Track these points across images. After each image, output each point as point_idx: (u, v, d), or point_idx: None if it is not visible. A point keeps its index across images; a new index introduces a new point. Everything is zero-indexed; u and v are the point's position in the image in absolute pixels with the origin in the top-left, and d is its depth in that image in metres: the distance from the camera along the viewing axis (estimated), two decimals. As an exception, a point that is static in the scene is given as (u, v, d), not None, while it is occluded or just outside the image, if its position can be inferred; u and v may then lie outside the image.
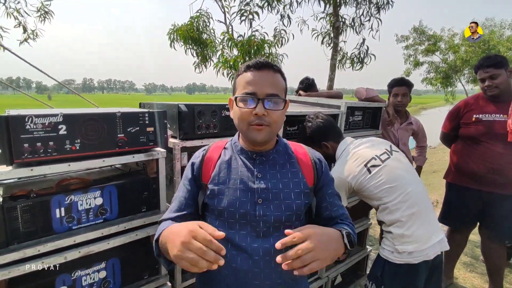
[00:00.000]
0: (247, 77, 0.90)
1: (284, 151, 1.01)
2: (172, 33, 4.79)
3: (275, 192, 0.92)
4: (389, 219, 1.49)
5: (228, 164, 0.97)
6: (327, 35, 4.29)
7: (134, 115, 1.18)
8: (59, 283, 1.11)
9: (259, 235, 0.90)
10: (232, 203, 0.91)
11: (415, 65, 14.93)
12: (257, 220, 0.90)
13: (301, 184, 0.96)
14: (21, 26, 3.96)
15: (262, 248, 0.89)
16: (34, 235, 1.04)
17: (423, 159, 2.79)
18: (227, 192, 0.93)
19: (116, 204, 1.22)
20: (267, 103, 0.88)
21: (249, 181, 0.93)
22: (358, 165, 1.53)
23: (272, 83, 0.90)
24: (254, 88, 0.88)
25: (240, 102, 0.90)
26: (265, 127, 0.89)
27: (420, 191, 1.51)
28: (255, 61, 0.91)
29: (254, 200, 0.91)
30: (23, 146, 0.95)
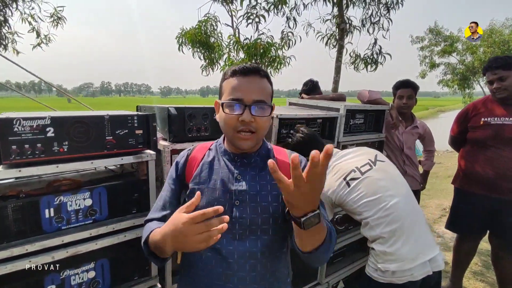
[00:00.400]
0: (234, 83, 0.90)
1: (266, 155, 1.00)
2: (181, 37, 4.87)
3: (252, 194, 0.92)
4: (371, 235, 1.40)
5: (210, 164, 0.98)
6: (333, 37, 4.24)
7: (123, 118, 1.20)
8: (48, 282, 1.13)
9: (235, 237, 0.90)
10: (210, 203, 0.91)
11: (431, 66, 14.56)
12: (233, 222, 0.89)
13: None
14: (35, 31, 4.12)
15: (237, 251, 0.88)
16: (24, 234, 1.07)
17: (430, 163, 2.70)
18: (207, 192, 0.93)
19: (105, 205, 1.24)
20: (254, 109, 0.88)
21: (229, 182, 0.93)
22: (337, 179, 1.46)
23: (258, 89, 0.90)
24: (240, 94, 0.88)
25: (226, 108, 0.89)
26: (251, 135, 0.89)
27: (407, 204, 1.40)
28: (242, 66, 0.90)
29: (231, 201, 0.91)
30: (11, 148, 0.98)
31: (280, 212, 0.93)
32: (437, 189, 5.50)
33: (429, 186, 5.90)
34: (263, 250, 0.90)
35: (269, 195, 0.93)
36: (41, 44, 4.27)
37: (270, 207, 0.92)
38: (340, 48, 4.00)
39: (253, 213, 0.90)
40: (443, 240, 3.51)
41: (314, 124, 1.96)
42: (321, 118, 1.98)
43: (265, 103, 0.90)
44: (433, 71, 14.63)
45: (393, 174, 1.51)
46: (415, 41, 14.66)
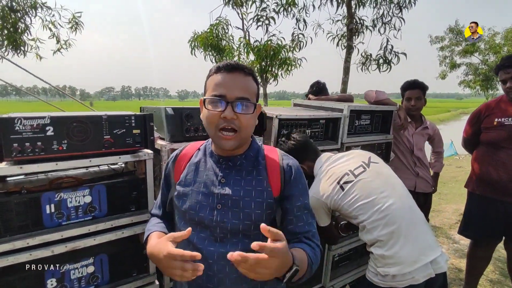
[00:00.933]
0: (217, 79, 0.88)
1: (254, 157, 0.98)
2: (193, 41, 4.96)
3: (235, 199, 0.90)
4: (369, 239, 1.37)
5: (196, 166, 0.98)
6: (343, 37, 4.19)
7: (120, 118, 1.23)
8: (48, 275, 1.18)
9: (216, 239, 0.90)
10: (193, 206, 0.92)
11: (451, 67, 14.12)
12: (214, 225, 0.89)
13: (265, 193, 0.92)
14: (55, 37, 4.32)
15: (217, 252, 0.88)
16: (25, 228, 1.12)
17: (440, 165, 2.61)
18: (191, 195, 0.94)
19: (105, 202, 1.27)
20: (237, 106, 0.86)
21: (212, 185, 0.92)
22: (331, 183, 1.43)
23: (242, 86, 0.88)
24: (223, 90, 0.86)
25: (209, 105, 0.88)
26: (234, 135, 0.88)
27: (403, 205, 1.36)
28: (226, 63, 0.89)
29: (213, 205, 0.91)
30: (12, 146, 1.03)
31: (264, 220, 0.90)
32: (455, 193, 5.30)
33: (447, 190, 5.69)
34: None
35: (252, 202, 0.90)
36: (60, 49, 4.48)
37: (253, 214, 0.90)
38: (349, 48, 3.95)
39: (235, 219, 0.89)
40: (458, 246, 3.38)
41: (317, 125, 1.94)
42: (324, 119, 1.96)
43: (249, 100, 0.88)
44: (453, 71, 14.18)
45: (388, 175, 1.47)
46: (434, 41, 14.25)
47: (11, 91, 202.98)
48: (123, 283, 1.34)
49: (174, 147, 1.39)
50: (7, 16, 3.61)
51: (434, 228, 3.88)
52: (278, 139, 1.74)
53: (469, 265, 2.37)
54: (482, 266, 2.34)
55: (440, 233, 3.73)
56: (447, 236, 3.65)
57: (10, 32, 3.69)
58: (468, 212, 2.30)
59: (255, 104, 0.90)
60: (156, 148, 1.40)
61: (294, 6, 4.06)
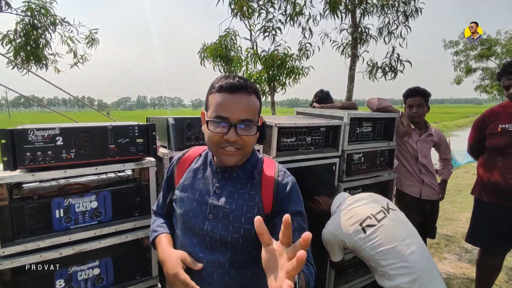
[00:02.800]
0: (220, 100, 0.86)
1: (251, 170, 0.97)
2: (202, 52, 5.12)
3: (226, 211, 0.91)
4: (390, 285, 1.38)
5: (194, 173, 1.01)
6: (348, 46, 4.23)
7: (124, 128, 1.32)
8: (57, 276, 1.26)
9: (206, 247, 0.92)
10: (187, 212, 0.95)
11: (467, 71, 13.79)
12: (204, 234, 0.92)
13: (256, 208, 0.92)
14: (72, 52, 4.57)
15: (206, 259, 0.91)
16: (37, 231, 1.21)
17: (447, 172, 2.58)
18: (186, 201, 0.97)
19: (110, 207, 1.35)
20: (239, 128, 0.86)
21: (206, 194, 0.95)
22: (353, 224, 1.46)
23: (245, 107, 0.87)
24: (226, 112, 0.85)
25: (211, 125, 0.87)
26: (236, 151, 0.88)
27: (423, 253, 1.39)
28: (229, 83, 0.86)
29: (206, 214, 0.93)
30: (25, 155, 1.13)
31: (253, 235, 0.89)
32: (470, 201, 5.14)
33: (462, 198, 5.54)
34: (232, 262, 0.91)
35: (242, 216, 0.91)
36: (77, 64, 4.72)
37: (242, 228, 0.90)
38: (354, 57, 3.98)
39: (224, 230, 0.90)
40: (471, 256, 3.28)
41: (317, 133, 1.98)
42: (325, 127, 1.99)
43: (251, 121, 0.87)
44: (469, 76, 13.83)
45: (407, 222, 1.50)
46: (448, 46, 14.01)
47: (33, 102, 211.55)
48: (127, 285, 1.41)
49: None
50: (30, 33, 3.87)
51: (447, 237, 3.79)
52: (278, 146, 1.79)
53: (479, 274, 2.32)
54: (493, 275, 2.28)
55: (453, 242, 3.64)
56: (459, 245, 3.56)
57: (32, 47, 3.94)
58: (475, 219, 2.26)
59: (257, 125, 0.90)
60: (159, 156, 1.48)
61: (301, 15, 4.15)
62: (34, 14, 3.83)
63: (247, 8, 4.22)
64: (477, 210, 2.26)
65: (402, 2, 4.06)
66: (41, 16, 3.87)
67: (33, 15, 3.83)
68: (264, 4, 4.17)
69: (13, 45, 3.92)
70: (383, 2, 4.07)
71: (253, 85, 0.91)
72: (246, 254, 0.92)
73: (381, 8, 4.09)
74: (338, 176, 2.03)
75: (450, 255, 3.32)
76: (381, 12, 4.05)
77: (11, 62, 3.76)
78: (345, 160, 2.03)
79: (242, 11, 4.24)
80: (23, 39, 3.90)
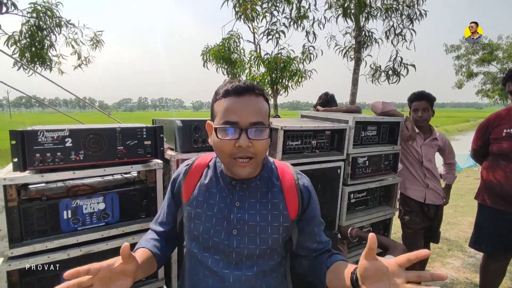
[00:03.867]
0: (227, 104, 0.81)
1: (268, 178, 0.93)
2: (205, 54, 5.13)
3: (251, 224, 0.87)
4: None
5: (207, 187, 0.93)
6: (351, 49, 4.25)
7: (133, 130, 1.32)
8: (64, 277, 1.26)
9: (231, 263, 0.88)
10: (207, 230, 0.89)
11: (468, 76, 13.83)
12: (230, 250, 0.87)
13: (281, 217, 0.89)
14: (76, 54, 4.59)
15: (233, 275, 0.87)
16: (45, 233, 1.21)
17: (452, 177, 2.58)
18: (203, 218, 0.90)
19: (117, 209, 1.36)
20: (251, 133, 0.80)
21: (227, 209, 0.89)
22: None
23: (255, 109, 0.81)
24: (235, 117, 0.79)
25: (220, 133, 0.80)
26: (249, 161, 0.82)
27: None
28: (235, 86, 0.81)
29: (229, 230, 0.88)
30: (35, 156, 1.13)
31: (280, 243, 0.89)
32: (472, 206, 5.14)
33: (464, 203, 5.53)
34: (258, 274, 0.89)
35: (269, 227, 0.88)
36: (81, 65, 4.74)
37: (270, 239, 0.88)
38: (357, 60, 3.99)
39: (251, 244, 0.87)
40: (474, 260, 3.27)
41: (322, 136, 1.98)
42: (330, 130, 1.99)
43: (263, 124, 0.82)
44: (470, 80, 13.87)
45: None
46: (450, 50, 14.05)
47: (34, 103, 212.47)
48: (133, 287, 1.40)
49: (183, 157, 1.46)
50: (35, 35, 3.89)
51: (449, 242, 3.78)
52: (284, 150, 1.79)
53: (483, 280, 2.31)
54: (496, 280, 2.27)
55: (455, 247, 3.63)
56: (462, 249, 3.55)
57: (37, 49, 3.96)
58: (479, 224, 2.26)
59: (270, 128, 0.85)
60: (166, 158, 1.48)
61: (306, 19, 4.17)
62: (39, 15, 3.85)
63: (251, 11, 4.25)
64: (481, 215, 2.26)
65: (406, 6, 4.09)
66: (47, 18, 3.90)
67: (39, 17, 3.86)
68: (269, 7, 4.20)
69: (18, 46, 3.94)
70: (387, 6, 4.09)
71: (260, 87, 0.86)
72: (272, 264, 0.91)
73: (385, 11, 4.11)
74: (343, 179, 2.04)
75: (453, 260, 3.31)
76: (386, 15, 4.07)
77: (17, 62, 3.78)
78: (350, 163, 2.03)
79: (246, 14, 4.26)
80: (28, 40, 3.92)
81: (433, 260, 3.26)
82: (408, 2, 4.04)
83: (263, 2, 4.34)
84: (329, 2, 4.20)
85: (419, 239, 2.42)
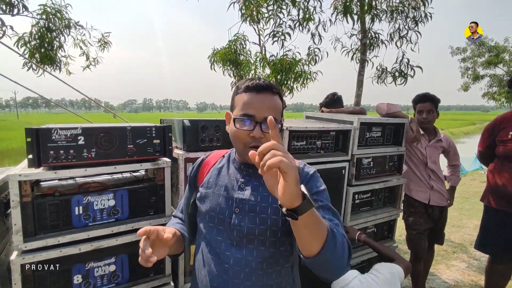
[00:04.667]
0: (246, 99, 0.92)
1: None
2: (212, 56, 5.18)
3: (252, 204, 0.94)
4: None
5: (218, 170, 1.04)
6: (357, 51, 4.26)
7: (142, 129, 1.36)
8: (75, 271, 1.29)
9: (233, 243, 0.93)
10: (213, 207, 0.97)
11: (474, 78, 13.72)
12: (232, 228, 0.93)
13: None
14: (84, 55, 4.66)
15: (234, 257, 0.91)
16: (57, 228, 1.25)
17: (456, 179, 2.58)
18: (212, 197, 0.99)
19: (127, 206, 1.39)
20: (264, 126, 0.90)
21: (232, 189, 0.97)
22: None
23: (270, 106, 0.92)
24: (252, 110, 0.90)
25: (238, 123, 0.92)
26: None
27: None
28: (255, 83, 0.93)
29: (232, 208, 0.95)
30: (49, 153, 1.17)
31: (280, 226, 0.92)
32: (478, 209, 5.11)
33: (469, 206, 5.49)
34: (259, 261, 0.92)
35: (269, 207, 0.93)
36: (89, 66, 4.81)
37: (269, 220, 0.92)
38: (363, 62, 4.00)
39: (251, 223, 0.92)
40: (479, 263, 3.26)
41: (327, 137, 2.00)
42: (334, 131, 2.02)
43: (276, 120, 0.89)
44: (477, 83, 13.76)
45: None
46: (455, 52, 13.97)
47: (41, 103, 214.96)
48: (141, 283, 1.44)
49: (190, 156, 1.49)
50: (45, 36, 3.96)
51: (454, 244, 3.76)
52: (289, 150, 1.81)
53: (488, 282, 2.30)
54: (502, 283, 2.27)
55: (460, 250, 3.62)
56: (467, 252, 3.54)
57: (46, 49, 4.04)
58: (485, 226, 2.26)
59: (281, 123, 0.96)
60: (174, 156, 1.52)
61: (311, 21, 4.19)
62: (49, 17, 3.93)
63: (257, 13, 4.28)
64: (486, 217, 2.26)
65: (411, 8, 4.09)
66: (56, 19, 3.97)
67: (48, 18, 3.93)
68: (274, 10, 4.23)
69: (27, 47, 4.01)
70: (392, 8, 4.10)
71: (277, 86, 0.97)
72: (273, 251, 0.93)
73: (391, 13, 4.12)
74: (348, 180, 2.05)
75: (458, 262, 3.30)
76: (391, 17, 4.07)
77: (27, 63, 3.86)
78: (355, 164, 2.05)
79: (252, 17, 4.29)
80: (37, 41, 4.00)
81: (437, 263, 3.25)
82: (414, 4, 4.05)
83: (269, 4, 4.37)
84: (334, 4, 4.22)
85: (423, 240, 2.42)
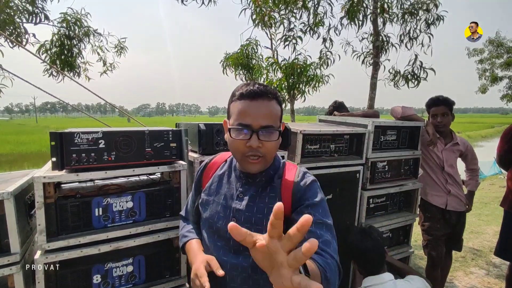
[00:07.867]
0: (241, 107, 0.88)
1: (272, 175, 0.99)
2: (225, 61, 5.25)
3: (247, 215, 0.93)
4: None
5: (220, 178, 1.05)
6: (369, 54, 4.23)
7: (160, 133, 1.39)
8: (95, 271, 1.33)
9: (230, 250, 0.94)
10: (212, 215, 0.99)
11: (492, 80, 13.34)
12: (228, 237, 0.93)
13: None
14: (102, 61, 4.82)
15: (230, 263, 0.93)
16: (78, 228, 1.29)
17: (474, 183, 2.51)
18: (212, 205, 1.01)
19: (144, 208, 1.43)
20: (261, 134, 0.87)
21: (230, 198, 0.98)
22: None
23: (266, 113, 0.88)
24: (248, 119, 0.86)
25: (233, 133, 0.89)
26: (259, 159, 0.90)
27: None
28: (249, 90, 0.87)
29: (229, 218, 0.95)
30: (72, 156, 1.21)
31: None
32: (497, 214, 4.94)
33: (489, 211, 5.32)
34: (254, 266, 0.90)
35: (264, 219, 0.92)
36: (106, 71, 4.96)
37: (263, 231, 0.84)
38: (375, 65, 3.97)
39: None
40: (499, 271, 3.15)
41: (341, 140, 2.00)
42: (348, 134, 2.01)
43: (273, 127, 0.88)
44: (495, 85, 13.37)
45: None
46: (472, 54, 13.64)
47: (58, 108, 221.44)
48: (157, 284, 1.46)
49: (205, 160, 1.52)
50: (65, 43, 4.12)
51: (473, 251, 3.65)
52: (303, 153, 1.82)
53: (510, 289, 2.24)
54: (524, 291, 2.20)
55: (479, 257, 3.51)
56: (486, 260, 3.43)
57: (66, 56, 4.20)
58: (505, 232, 2.19)
59: (279, 130, 0.90)
60: (189, 160, 1.55)
61: (322, 25, 4.20)
62: (69, 25, 4.08)
63: (268, 18, 4.32)
64: (506, 222, 2.20)
65: (423, 10, 4.04)
66: (76, 27, 4.12)
67: (69, 26, 4.09)
68: (286, 14, 4.26)
69: (48, 54, 4.17)
70: (403, 10, 4.06)
71: (273, 91, 0.91)
72: None
73: (402, 16, 4.08)
74: (362, 184, 2.04)
75: (477, 270, 3.20)
76: (402, 20, 4.04)
77: (48, 70, 4.02)
78: (369, 168, 2.03)
79: (263, 22, 4.34)
80: (58, 49, 4.16)
81: (456, 269, 3.16)
82: (425, 7, 4.00)
83: (280, 9, 4.41)
84: (345, 9, 4.22)
85: (440, 246, 2.37)
